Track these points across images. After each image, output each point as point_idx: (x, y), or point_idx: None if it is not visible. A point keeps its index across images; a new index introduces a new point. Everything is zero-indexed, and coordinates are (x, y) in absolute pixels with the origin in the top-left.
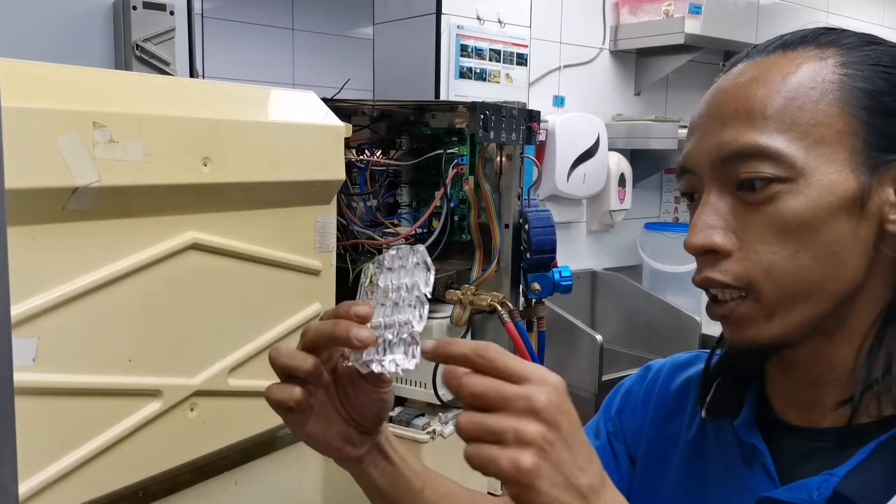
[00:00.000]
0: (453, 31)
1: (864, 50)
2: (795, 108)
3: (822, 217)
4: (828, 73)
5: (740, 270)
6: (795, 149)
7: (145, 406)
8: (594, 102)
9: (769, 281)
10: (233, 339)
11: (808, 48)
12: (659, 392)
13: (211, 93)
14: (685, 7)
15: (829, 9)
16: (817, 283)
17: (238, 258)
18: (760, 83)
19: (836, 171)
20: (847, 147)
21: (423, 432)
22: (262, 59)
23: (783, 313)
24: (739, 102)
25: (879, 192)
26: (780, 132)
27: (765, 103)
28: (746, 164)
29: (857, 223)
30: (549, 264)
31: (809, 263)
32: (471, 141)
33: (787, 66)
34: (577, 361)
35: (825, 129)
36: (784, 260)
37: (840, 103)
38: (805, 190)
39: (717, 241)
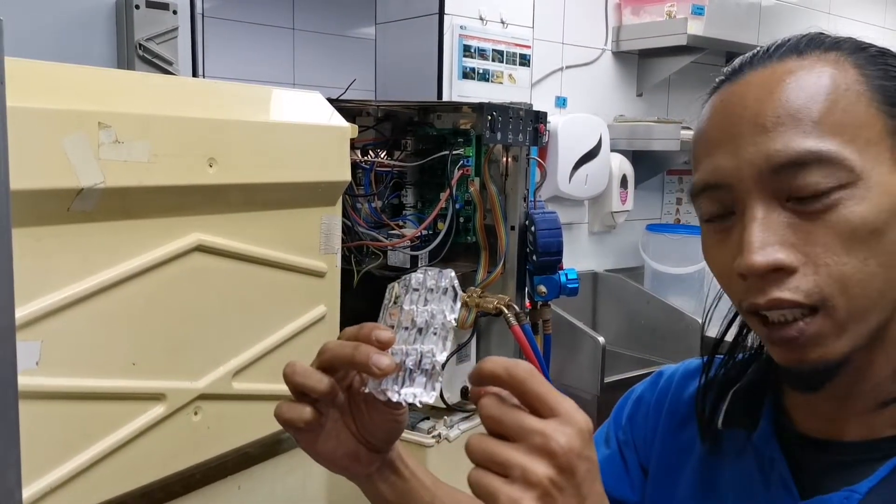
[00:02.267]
0: (456, 31)
1: (866, 50)
2: (840, 111)
3: (886, 220)
4: (850, 73)
5: (811, 286)
6: (850, 152)
7: (149, 410)
8: (596, 103)
9: (843, 294)
10: (237, 341)
11: (819, 52)
12: (671, 399)
13: (216, 93)
14: (688, 8)
15: (830, 10)
16: (883, 290)
17: (243, 260)
18: (797, 87)
19: (888, 172)
20: (890, 147)
21: (428, 436)
22: (263, 59)
23: (854, 326)
24: (781, 108)
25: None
26: (832, 136)
27: (810, 108)
28: (802, 172)
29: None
30: (556, 266)
31: (878, 270)
32: (476, 142)
33: (814, 69)
34: (579, 363)
35: (869, 130)
36: (855, 269)
37: (874, 103)
38: (867, 194)
39: (783, 258)
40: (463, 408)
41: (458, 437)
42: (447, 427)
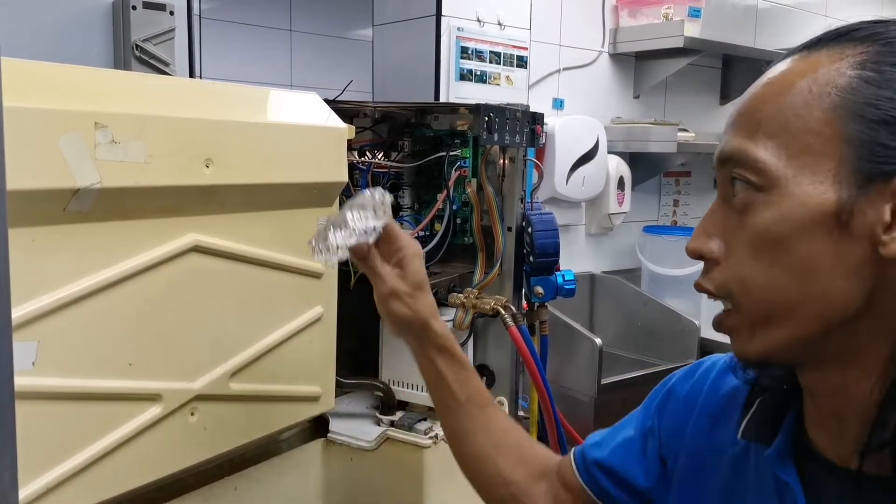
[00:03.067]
0: (453, 32)
1: (891, 48)
2: (788, 114)
3: (792, 231)
4: (836, 72)
5: (722, 280)
6: (775, 156)
7: (146, 410)
8: (593, 105)
9: (744, 294)
10: (234, 342)
11: (832, 47)
12: (707, 394)
13: (213, 94)
14: (684, 10)
15: (827, 12)
16: (794, 300)
17: (239, 260)
18: (765, 86)
19: (815, 183)
20: (835, 157)
21: (425, 437)
22: (260, 60)
23: (763, 330)
24: (745, 105)
25: (869, 210)
26: (767, 137)
27: (761, 107)
28: (735, 169)
29: (838, 241)
30: (552, 268)
31: (783, 279)
32: (473, 143)
33: (797, 66)
34: (576, 365)
35: (814, 136)
36: (757, 273)
37: (837, 109)
38: (777, 201)
39: (705, 248)
40: None
41: None
42: None
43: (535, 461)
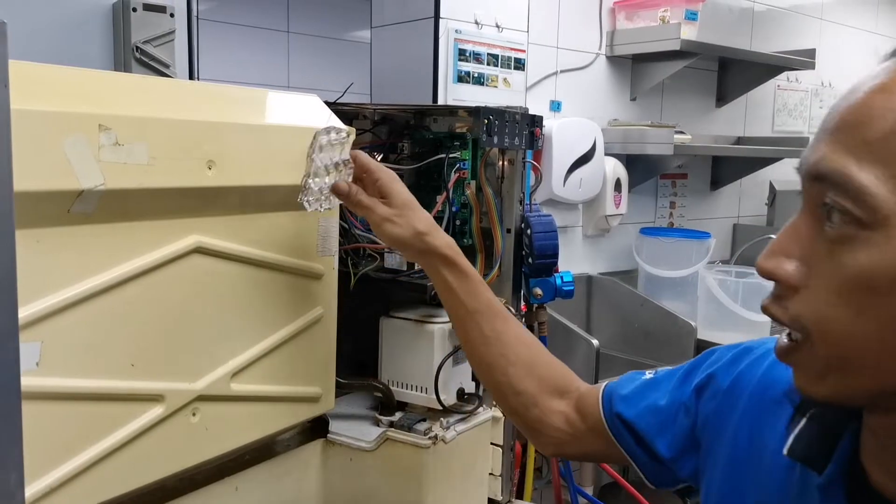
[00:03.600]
0: (451, 35)
1: None
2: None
3: (893, 282)
4: None
5: (798, 312)
6: (885, 189)
7: (148, 411)
8: (590, 107)
9: (822, 334)
10: (235, 343)
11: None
12: (757, 388)
13: (214, 95)
14: (681, 13)
15: (822, 15)
16: (877, 352)
17: (241, 262)
18: (881, 95)
19: None
20: None
21: (424, 437)
22: (257, 62)
23: (836, 375)
24: (849, 113)
25: None
26: (875, 163)
27: (871, 123)
28: (832, 192)
29: None
30: (551, 269)
31: (870, 329)
32: (473, 145)
33: None
34: (574, 366)
35: None
36: (841, 316)
37: None
38: (883, 242)
39: (782, 271)
40: (459, 409)
41: (455, 439)
42: (443, 428)
43: (550, 377)
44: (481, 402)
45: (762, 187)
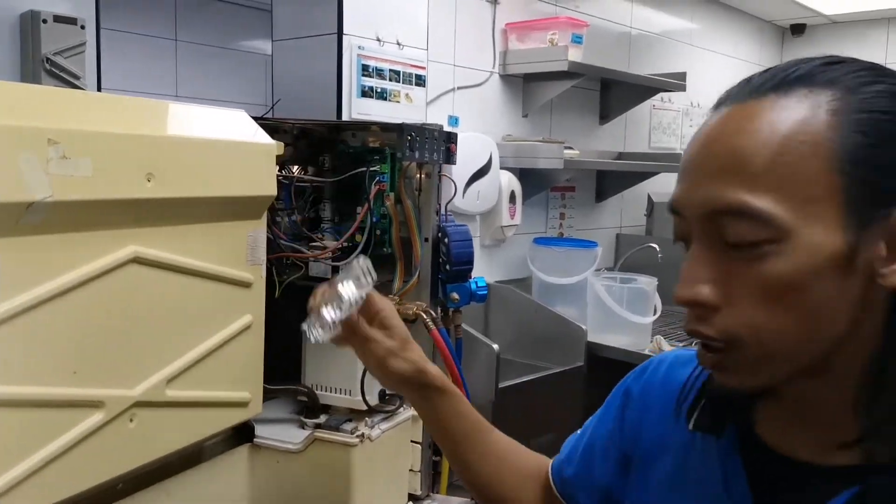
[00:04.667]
0: (355, 51)
1: (861, 92)
2: (785, 165)
3: (807, 279)
4: (819, 123)
5: (726, 326)
6: (783, 209)
7: (89, 417)
8: (485, 123)
9: (753, 339)
10: (171, 350)
11: (802, 90)
12: (659, 387)
13: (152, 110)
14: (568, 37)
15: (691, 41)
16: (801, 341)
17: (176, 271)
18: (748, 134)
19: (823, 231)
20: (837, 204)
21: (352, 436)
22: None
23: (767, 367)
24: (727, 155)
25: (869, 247)
26: (768, 190)
27: (753, 158)
28: (733, 221)
29: (844, 280)
30: (467, 275)
31: (794, 324)
32: (392, 159)
33: (777, 113)
34: (475, 370)
35: (815, 187)
36: (770, 319)
37: (831, 159)
38: (791, 252)
39: (703, 296)
40: (381, 409)
41: (379, 437)
42: (369, 427)
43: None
44: (402, 401)
45: (641, 199)
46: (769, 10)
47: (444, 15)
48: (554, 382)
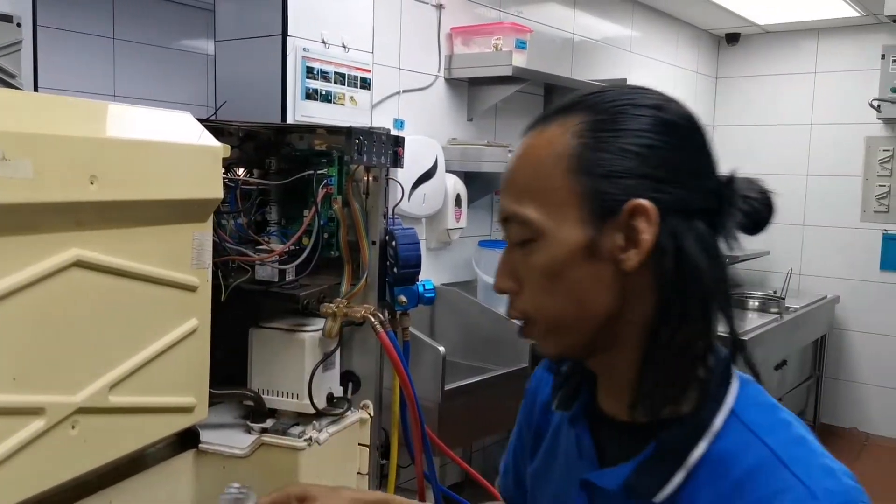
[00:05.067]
0: (299, 52)
1: (599, 115)
2: (538, 179)
3: (562, 267)
4: (565, 143)
5: (522, 307)
6: (539, 214)
7: (29, 424)
8: (431, 126)
9: (539, 315)
10: (114, 355)
11: (557, 121)
12: (542, 385)
13: (95, 111)
14: (512, 42)
15: (631, 48)
16: (574, 315)
17: (119, 275)
18: (521, 159)
19: (569, 228)
20: (578, 207)
21: (299, 440)
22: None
23: (554, 338)
24: (509, 175)
25: (609, 239)
26: (530, 200)
27: (519, 177)
28: (510, 226)
29: (594, 267)
30: (415, 278)
31: (564, 302)
32: (339, 163)
33: (538, 141)
34: (421, 373)
35: (560, 194)
36: (544, 299)
37: (569, 171)
38: (547, 247)
39: (506, 286)
40: (330, 412)
41: (328, 440)
42: (317, 431)
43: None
44: (350, 405)
45: None
46: (705, 20)
47: (389, 18)
48: (499, 384)
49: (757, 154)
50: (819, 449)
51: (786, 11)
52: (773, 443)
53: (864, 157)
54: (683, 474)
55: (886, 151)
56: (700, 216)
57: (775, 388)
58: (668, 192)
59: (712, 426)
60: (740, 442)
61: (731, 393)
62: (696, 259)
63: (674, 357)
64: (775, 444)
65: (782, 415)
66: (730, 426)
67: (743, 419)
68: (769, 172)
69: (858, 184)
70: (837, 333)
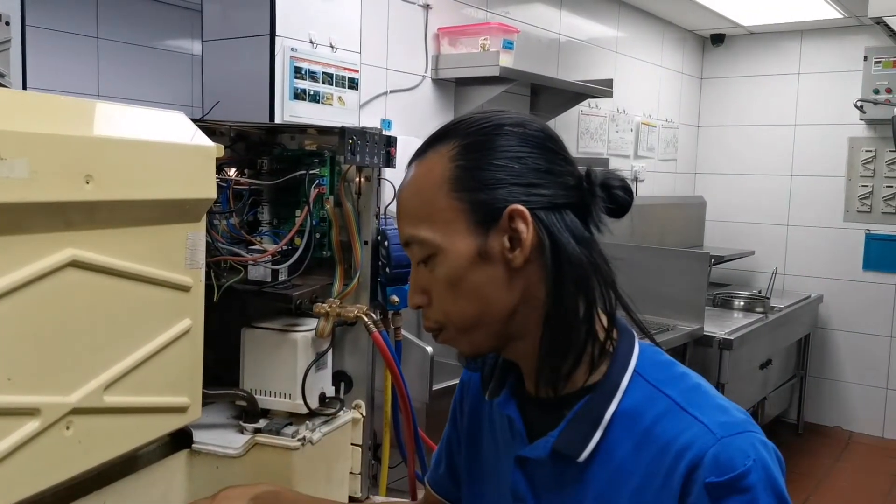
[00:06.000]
0: (287, 52)
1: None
2: (426, 203)
3: (462, 274)
4: (443, 167)
5: (434, 317)
6: (433, 233)
7: (24, 425)
8: (418, 126)
9: (449, 321)
10: (108, 355)
11: (434, 149)
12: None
13: (90, 111)
14: (499, 42)
15: (617, 49)
16: (479, 315)
17: (114, 275)
18: (408, 188)
19: (460, 241)
20: (463, 220)
21: (293, 440)
22: (64, 68)
23: (467, 338)
24: (401, 204)
25: (496, 243)
26: (422, 223)
27: (409, 203)
28: (412, 248)
29: (489, 269)
30: (407, 278)
31: (467, 305)
32: (331, 163)
33: (420, 170)
34: (409, 373)
35: (445, 212)
36: (451, 306)
37: (451, 191)
38: (445, 260)
39: (419, 301)
40: (323, 412)
41: (321, 440)
42: (310, 430)
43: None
44: (342, 405)
45: None
46: (691, 21)
47: (377, 18)
48: None
49: (741, 154)
50: (712, 392)
51: (770, 12)
52: (672, 392)
53: (848, 157)
54: (600, 432)
55: (869, 152)
56: (567, 209)
57: (760, 387)
58: (536, 195)
59: (619, 387)
60: (645, 396)
61: (633, 356)
62: (568, 246)
63: (563, 334)
64: (674, 394)
65: (679, 369)
66: (635, 384)
67: (645, 377)
68: (753, 173)
69: (842, 184)
70: (821, 333)
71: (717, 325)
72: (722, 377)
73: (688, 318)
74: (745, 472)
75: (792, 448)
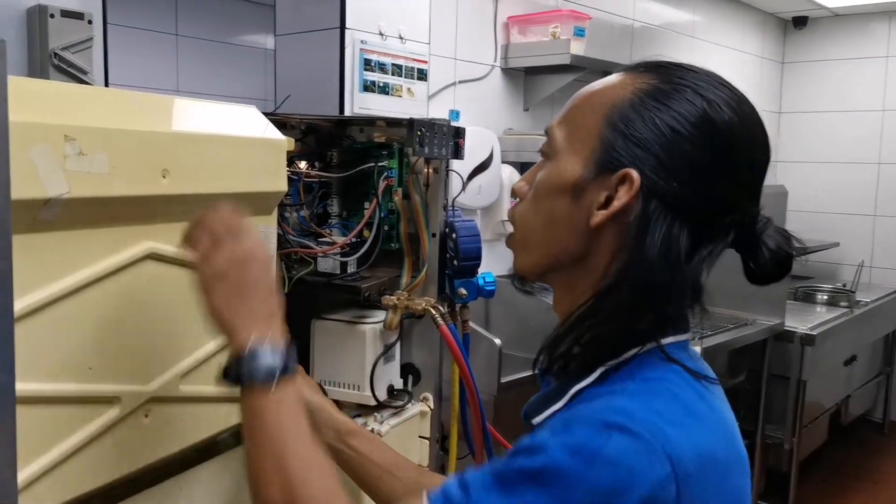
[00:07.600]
0: (357, 45)
1: (662, 85)
2: (584, 112)
3: (551, 191)
4: (620, 94)
5: (513, 212)
6: (563, 137)
7: (105, 413)
8: (487, 117)
9: (518, 224)
10: (184, 345)
11: (636, 72)
12: None
13: (164, 106)
14: (570, 30)
15: (694, 34)
16: (540, 238)
17: (189, 267)
18: (590, 89)
19: (573, 161)
20: (590, 148)
21: None
22: (145, 65)
23: (522, 254)
24: (572, 99)
25: (596, 191)
26: (566, 124)
27: (577, 102)
28: (548, 139)
29: (572, 206)
30: (475, 270)
31: (538, 222)
32: (399, 155)
33: (610, 81)
34: (477, 365)
35: (584, 131)
36: (528, 212)
37: (603, 118)
38: (553, 167)
39: (517, 187)
40: (391, 404)
41: (389, 431)
42: (378, 422)
43: None
44: (411, 397)
45: None
46: (771, 3)
47: (445, 8)
48: None
49: (825, 142)
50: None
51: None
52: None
53: None
54: (560, 405)
55: None
56: (689, 223)
57: (843, 385)
58: (665, 180)
59: (591, 375)
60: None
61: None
62: (649, 251)
63: (595, 324)
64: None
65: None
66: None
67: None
68: (838, 161)
69: None
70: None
71: (799, 319)
72: (804, 374)
73: (767, 312)
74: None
75: (876, 448)
